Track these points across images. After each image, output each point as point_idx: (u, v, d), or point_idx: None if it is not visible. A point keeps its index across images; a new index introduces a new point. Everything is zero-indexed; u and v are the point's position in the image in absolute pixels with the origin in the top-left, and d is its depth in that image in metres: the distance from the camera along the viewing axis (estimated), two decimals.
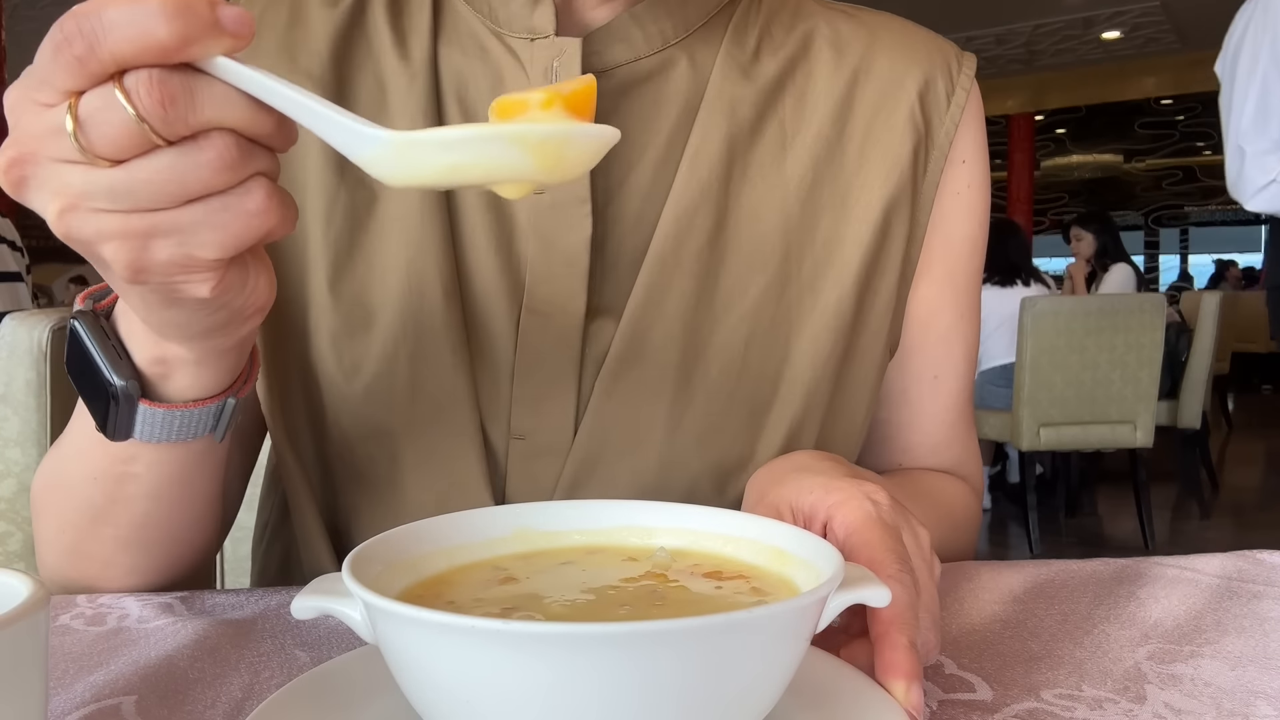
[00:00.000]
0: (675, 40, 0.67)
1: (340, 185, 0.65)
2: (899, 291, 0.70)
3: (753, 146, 0.68)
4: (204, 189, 0.38)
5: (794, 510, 0.50)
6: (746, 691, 0.35)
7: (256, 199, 0.39)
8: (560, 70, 0.64)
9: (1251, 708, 0.44)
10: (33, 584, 0.33)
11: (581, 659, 0.31)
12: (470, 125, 0.39)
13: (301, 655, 0.51)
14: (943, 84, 0.71)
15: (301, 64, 0.66)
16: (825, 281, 0.67)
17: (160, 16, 0.35)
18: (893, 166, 0.69)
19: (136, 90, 0.36)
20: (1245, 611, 0.56)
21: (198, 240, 0.39)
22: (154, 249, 0.39)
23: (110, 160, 0.37)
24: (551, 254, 0.64)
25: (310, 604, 0.38)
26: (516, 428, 0.64)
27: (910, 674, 0.40)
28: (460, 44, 0.68)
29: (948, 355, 0.75)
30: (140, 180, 0.37)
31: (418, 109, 0.65)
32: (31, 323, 0.94)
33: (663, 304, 0.64)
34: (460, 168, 0.38)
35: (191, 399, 0.52)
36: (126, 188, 0.38)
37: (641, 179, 0.66)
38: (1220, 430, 7.09)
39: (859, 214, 0.68)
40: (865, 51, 0.71)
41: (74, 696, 0.45)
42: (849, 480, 0.50)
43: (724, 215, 0.66)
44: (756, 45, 0.69)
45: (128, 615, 0.56)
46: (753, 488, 0.57)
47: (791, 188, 0.67)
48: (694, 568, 0.44)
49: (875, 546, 0.44)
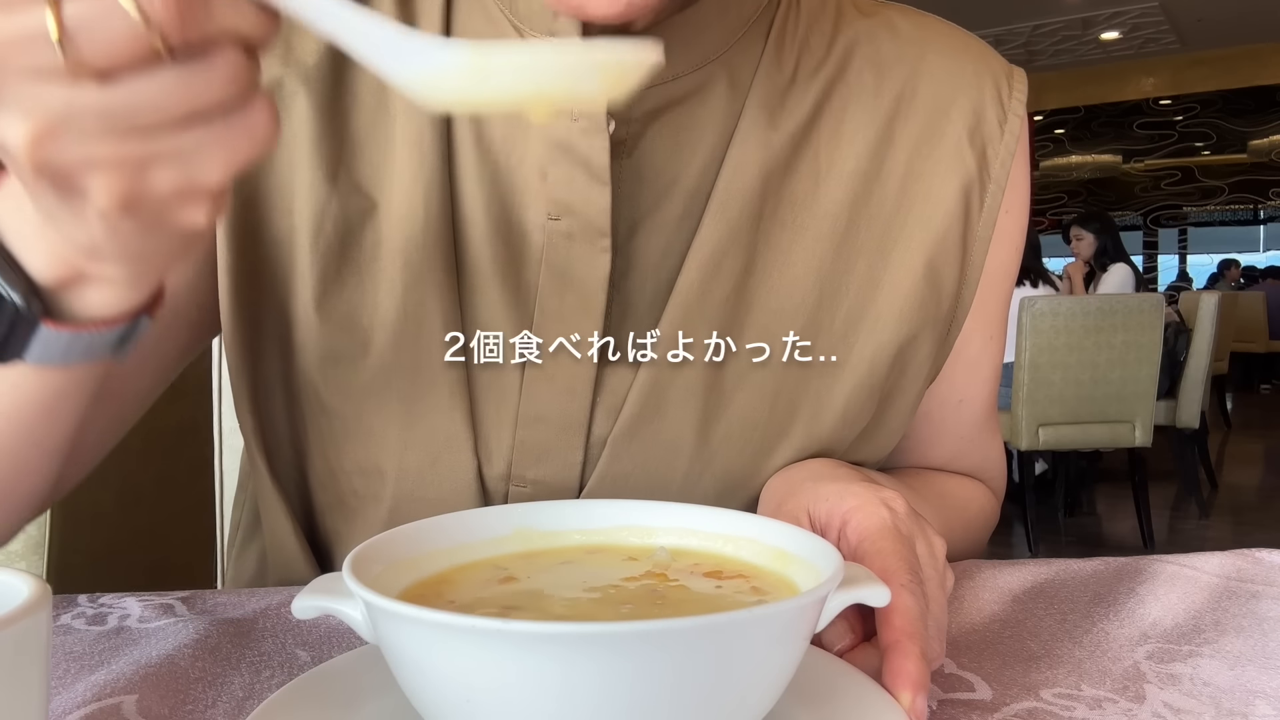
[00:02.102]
0: (715, 56, 0.61)
1: (333, 193, 0.59)
2: (937, 354, 0.65)
3: (785, 182, 0.62)
4: (213, 107, 0.33)
5: (811, 517, 0.50)
6: (746, 691, 0.35)
7: (264, 116, 0.34)
8: None
9: (1251, 707, 0.44)
10: (34, 583, 0.33)
11: (582, 658, 0.32)
12: (546, 45, 0.35)
13: (302, 655, 0.51)
14: (993, 112, 0.65)
15: (295, 54, 0.60)
16: (858, 341, 0.62)
17: None
18: (936, 207, 0.63)
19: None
20: (1244, 611, 0.56)
21: (202, 165, 0.34)
22: (153, 177, 0.34)
23: (100, 73, 0.31)
24: (564, 291, 0.58)
25: (311, 604, 0.39)
26: (518, 476, 0.60)
27: (918, 684, 0.39)
28: (474, 30, 0.62)
29: (974, 379, 0.72)
30: (143, 97, 0.32)
31: (424, 115, 0.60)
32: None
33: (682, 360, 0.60)
34: (525, 95, 0.33)
35: (101, 318, 0.43)
36: (126, 107, 0.32)
37: (670, 213, 0.60)
38: (1219, 430, 7.09)
39: (899, 259, 0.62)
40: (909, 75, 0.65)
41: (75, 695, 0.45)
42: (865, 486, 0.49)
43: (753, 259, 0.61)
44: (795, 65, 0.63)
45: (129, 615, 0.56)
46: (769, 497, 0.57)
47: (825, 228, 0.62)
48: (694, 567, 0.44)
49: (887, 555, 0.44)
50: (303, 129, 0.59)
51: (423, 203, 0.59)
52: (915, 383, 0.65)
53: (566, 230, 0.58)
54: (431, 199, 0.59)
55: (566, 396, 0.59)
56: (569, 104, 0.36)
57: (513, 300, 0.59)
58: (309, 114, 0.60)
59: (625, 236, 0.59)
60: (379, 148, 0.60)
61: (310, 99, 0.60)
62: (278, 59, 0.60)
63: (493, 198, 0.59)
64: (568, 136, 0.58)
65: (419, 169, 0.59)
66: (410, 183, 0.59)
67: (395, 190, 0.59)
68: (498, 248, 0.59)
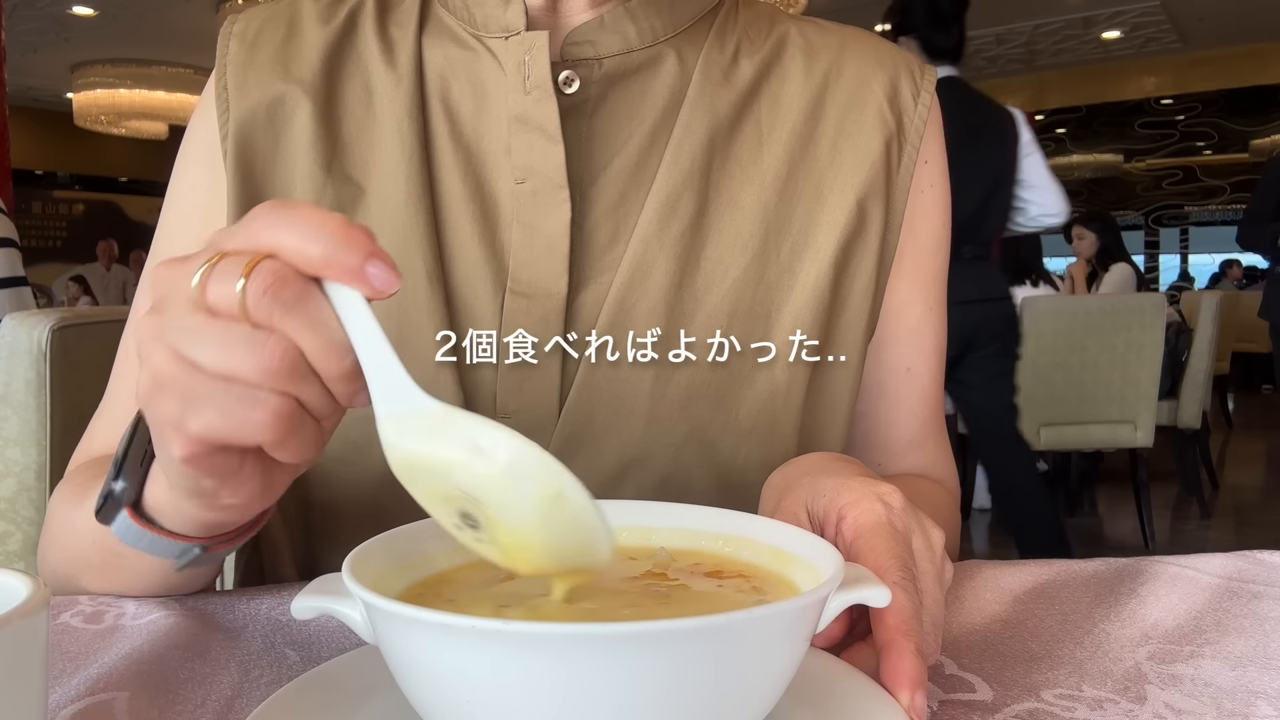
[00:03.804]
0: (665, 37, 0.71)
1: (327, 180, 0.68)
2: (878, 278, 0.73)
3: (731, 142, 0.71)
4: (236, 373, 0.39)
5: (810, 513, 0.50)
6: (747, 691, 0.35)
7: (264, 414, 0.39)
8: (531, 64, 0.66)
9: (1252, 708, 0.44)
10: (33, 584, 0.33)
11: (580, 659, 0.31)
12: (503, 438, 0.38)
13: (292, 655, 0.51)
14: (908, 87, 0.75)
15: (294, 73, 0.70)
16: (803, 263, 0.70)
17: (320, 236, 0.38)
18: (864, 159, 0.72)
19: (260, 269, 0.38)
20: (1246, 612, 0.56)
21: (196, 409, 0.40)
22: (162, 395, 0.40)
23: (208, 309, 0.39)
24: (534, 239, 0.66)
25: (310, 604, 0.38)
26: (503, 407, 0.65)
27: (915, 682, 0.40)
28: (443, 48, 0.71)
29: (919, 347, 0.78)
30: (200, 331, 0.39)
31: (403, 111, 0.68)
32: (31, 323, 0.94)
33: (646, 283, 0.66)
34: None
35: (164, 527, 0.51)
36: (189, 330, 0.39)
37: (625, 163, 0.69)
38: (1220, 430, 7.08)
39: (834, 201, 0.71)
40: (835, 58, 0.75)
41: (68, 691, 0.45)
42: (862, 481, 0.50)
43: (705, 202, 0.69)
44: (735, 49, 0.74)
45: (124, 614, 0.56)
46: (768, 494, 0.57)
47: (769, 179, 0.71)
48: (694, 567, 0.44)
49: (880, 552, 0.44)
50: (303, 133, 0.68)
51: (405, 183, 0.67)
52: (858, 318, 0.72)
53: (531, 189, 0.67)
54: (413, 179, 0.67)
55: (541, 330, 0.65)
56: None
57: (489, 255, 0.67)
58: (308, 121, 0.69)
59: (587, 184, 0.68)
60: (366, 146, 0.69)
61: (308, 108, 0.69)
62: (279, 77, 0.70)
63: (467, 173, 0.68)
64: (523, 109, 0.67)
65: (400, 155, 0.68)
66: (393, 168, 0.68)
67: (381, 177, 0.68)
68: (474, 213, 0.67)
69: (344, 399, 0.40)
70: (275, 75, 0.70)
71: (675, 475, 0.66)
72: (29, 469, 0.94)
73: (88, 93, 10.67)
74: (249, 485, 0.44)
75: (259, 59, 0.70)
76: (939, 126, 0.78)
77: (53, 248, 13.14)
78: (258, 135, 0.68)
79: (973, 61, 10.57)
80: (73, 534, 0.62)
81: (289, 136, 0.68)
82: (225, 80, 0.70)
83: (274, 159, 0.69)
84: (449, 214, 0.67)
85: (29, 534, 0.96)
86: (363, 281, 0.39)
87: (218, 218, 0.69)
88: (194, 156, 0.72)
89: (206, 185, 0.70)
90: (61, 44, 10.07)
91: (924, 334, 0.78)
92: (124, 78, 10.56)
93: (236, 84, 0.70)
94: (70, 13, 9.20)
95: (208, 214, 0.70)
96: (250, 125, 0.68)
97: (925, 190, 0.76)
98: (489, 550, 0.39)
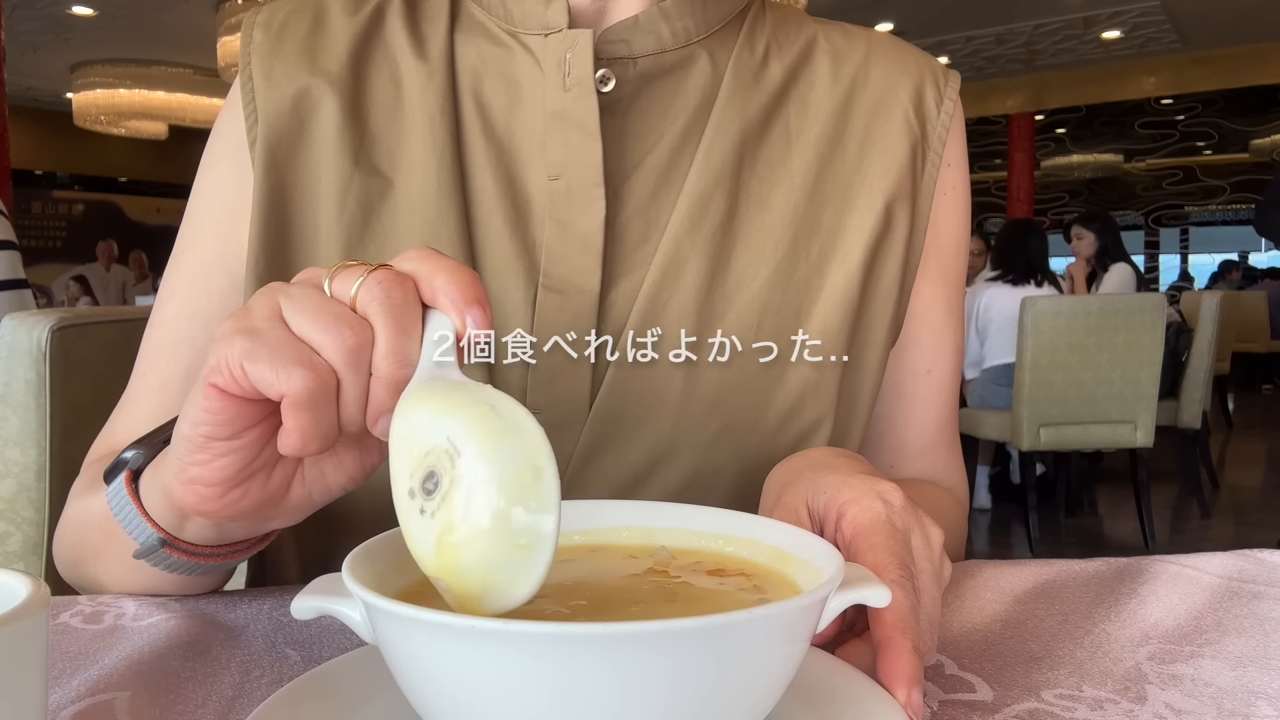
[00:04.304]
0: (698, 38, 0.71)
1: (354, 172, 0.68)
2: (903, 280, 0.74)
3: (761, 144, 0.72)
4: (312, 338, 0.42)
5: (810, 509, 0.50)
6: (746, 691, 0.35)
7: (305, 372, 0.42)
8: (572, 61, 0.66)
9: (1252, 708, 0.44)
10: (33, 584, 0.33)
11: (580, 659, 0.31)
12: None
13: (293, 654, 0.51)
14: (932, 93, 0.77)
15: (320, 65, 0.70)
16: (831, 265, 0.71)
17: (446, 269, 0.43)
18: (890, 163, 0.73)
19: (380, 272, 0.43)
20: (1246, 611, 0.56)
21: (256, 352, 0.42)
22: (239, 335, 0.43)
23: (323, 294, 0.44)
24: (568, 236, 0.66)
25: (310, 604, 0.38)
26: (533, 402, 0.65)
27: (912, 679, 0.40)
28: (476, 45, 0.71)
29: (940, 350, 0.78)
30: (305, 300, 0.43)
31: (435, 105, 0.69)
32: (31, 323, 0.94)
33: (678, 281, 0.67)
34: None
35: (202, 545, 0.53)
36: (297, 298, 0.43)
37: (657, 161, 0.69)
38: (1220, 430, 7.09)
39: (862, 204, 0.72)
40: (861, 62, 0.76)
41: (69, 692, 0.45)
42: (863, 478, 0.50)
43: (735, 203, 0.70)
44: (764, 52, 0.74)
45: (124, 614, 0.56)
46: (770, 488, 0.58)
47: (798, 181, 0.72)
48: (696, 565, 0.44)
49: (879, 550, 0.44)
50: (330, 125, 0.69)
51: (435, 178, 0.67)
52: (882, 318, 0.73)
53: (566, 186, 0.67)
54: (444, 174, 0.67)
55: (573, 325, 0.66)
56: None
57: (520, 250, 0.67)
58: (334, 112, 0.69)
59: (619, 182, 0.68)
60: (394, 138, 0.69)
61: (335, 100, 0.69)
62: (305, 69, 0.70)
63: (499, 169, 0.68)
64: (562, 105, 0.67)
65: (431, 149, 0.68)
66: (423, 162, 0.68)
67: (410, 171, 0.68)
68: (506, 209, 0.68)
69: (377, 406, 0.42)
70: (301, 67, 0.70)
71: (702, 473, 0.66)
72: (29, 469, 0.94)
73: (87, 93, 10.67)
74: (226, 460, 0.45)
75: (285, 49, 0.70)
76: (961, 130, 0.79)
77: (52, 248, 13.15)
78: (284, 127, 0.69)
79: (973, 61, 10.58)
80: (83, 516, 0.63)
81: (315, 128, 0.69)
82: (250, 70, 0.70)
83: (301, 150, 0.69)
84: (480, 209, 0.68)
85: (29, 534, 0.96)
86: (461, 315, 0.42)
87: (243, 211, 0.69)
88: (220, 153, 0.72)
89: (234, 181, 0.70)
90: (61, 44, 10.08)
91: (945, 337, 0.78)
92: (124, 78, 10.56)
93: (263, 74, 0.70)
94: (70, 13, 9.21)
95: (234, 209, 0.70)
96: (277, 116, 0.69)
97: (948, 193, 0.77)
98: (421, 529, 0.38)
